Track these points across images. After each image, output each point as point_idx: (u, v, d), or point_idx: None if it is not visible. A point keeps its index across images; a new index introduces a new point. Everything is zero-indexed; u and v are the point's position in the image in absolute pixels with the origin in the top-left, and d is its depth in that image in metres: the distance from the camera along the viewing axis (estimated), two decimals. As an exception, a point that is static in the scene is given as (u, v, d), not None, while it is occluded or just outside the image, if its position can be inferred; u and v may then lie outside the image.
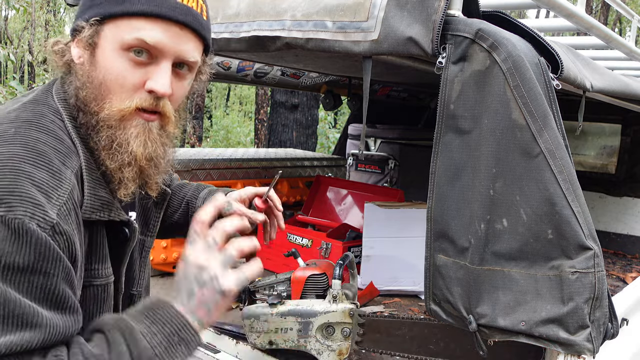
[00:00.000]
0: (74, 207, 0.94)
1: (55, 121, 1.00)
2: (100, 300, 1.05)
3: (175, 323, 0.93)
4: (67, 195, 0.92)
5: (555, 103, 1.30)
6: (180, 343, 0.92)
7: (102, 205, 1.01)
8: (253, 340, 1.65)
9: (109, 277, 1.06)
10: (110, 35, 0.99)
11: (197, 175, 2.60)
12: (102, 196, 1.01)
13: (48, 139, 0.95)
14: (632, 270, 2.94)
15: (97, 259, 1.04)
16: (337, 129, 13.59)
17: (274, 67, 3.12)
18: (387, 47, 1.36)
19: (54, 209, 0.88)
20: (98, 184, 1.02)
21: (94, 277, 1.03)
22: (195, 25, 1.03)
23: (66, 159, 0.96)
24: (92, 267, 1.03)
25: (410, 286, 2.32)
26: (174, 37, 1.00)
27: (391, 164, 3.54)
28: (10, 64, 8.33)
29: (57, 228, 0.88)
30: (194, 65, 1.07)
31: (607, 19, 13.81)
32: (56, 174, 0.92)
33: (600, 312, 1.23)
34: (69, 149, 0.98)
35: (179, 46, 1.01)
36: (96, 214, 1.00)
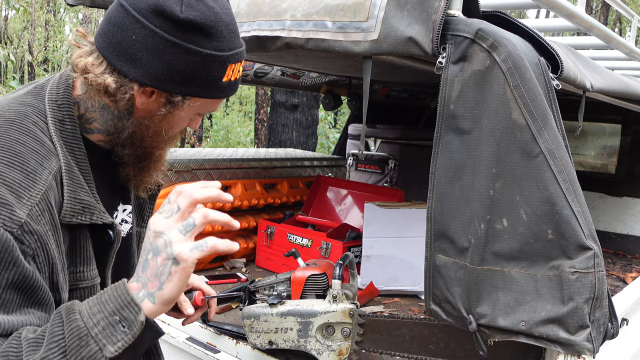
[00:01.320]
0: (49, 209, 0.94)
1: (38, 123, 1.01)
2: None
3: (119, 301, 0.85)
4: (40, 195, 0.93)
5: (555, 103, 1.30)
6: (121, 322, 0.84)
7: (83, 209, 1.02)
8: (253, 340, 1.65)
9: (94, 279, 1.07)
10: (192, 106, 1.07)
11: (197, 175, 2.60)
12: (82, 199, 1.02)
13: (27, 140, 0.96)
14: (632, 270, 2.94)
15: (82, 261, 1.04)
16: (337, 129, 13.59)
17: (274, 67, 3.12)
18: (387, 47, 1.36)
19: (23, 209, 0.89)
20: (79, 187, 1.02)
21: (80, 280, 1.04)
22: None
23: (44, 160, 0.97)
24: (78, 270, 1.04)
25: (410, 286, 2.32)
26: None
27: (391, 164, 3.54)
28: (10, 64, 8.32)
29: (25, 227, 0.88)
30: None
31: (607, 19, 13.81)
32: (30, 175, 0.93)
33: (600, 312, 1.23)
34: (49, 151, 0.99)
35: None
36: (77, 218, 1.00)
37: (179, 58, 0.98)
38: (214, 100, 1.08)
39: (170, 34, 0.96)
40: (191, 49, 0.98)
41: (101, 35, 1.02)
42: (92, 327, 0.83)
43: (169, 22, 0.96)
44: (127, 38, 0.97)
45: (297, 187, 3.09)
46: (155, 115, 1.06)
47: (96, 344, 0.82)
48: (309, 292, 1.70)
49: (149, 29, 0.96)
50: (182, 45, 0.97)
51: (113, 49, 0.99)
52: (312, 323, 1.60)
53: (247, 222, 2.78)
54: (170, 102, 1.04)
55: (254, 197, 2.79)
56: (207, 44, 0.99)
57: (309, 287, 1.70)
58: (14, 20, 19.72)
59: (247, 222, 2.78)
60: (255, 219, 2.80)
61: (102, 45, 1.01)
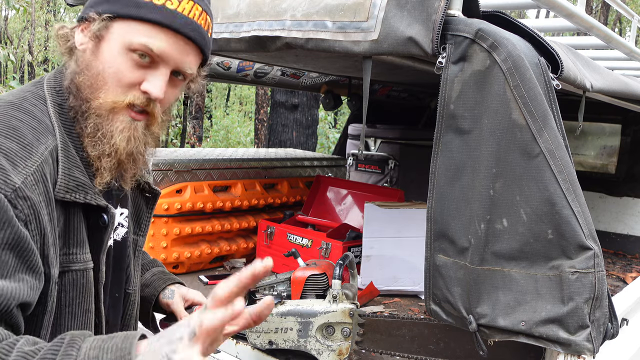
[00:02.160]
0: (43, 180, 0.96)
1: (37, 104, 1.04)
2: (80, 286, 1.06)
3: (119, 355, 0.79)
4: (35, 166, 0.95)
5: (555, 103, 1.30)
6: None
7: (77, 187, 1.02)
8: (253, 340, 1.66)
9: (87, 263, 1.07)
10: (119, 33, 1.03)
11: (197, 175, 2.60)
12: (77, 177, 1.03)
13: (25, 117, 1.00)
14: (632, 270, 2.94)
15: (75, 242, 1.05)
16: (337, 129, 13.59)
17: (274, 67, 3.12)
18: (387, 47, 1.36)
19: (19, 176, 0.92)
20: (74, 166, 1.04)
21: (72, 262, 1.04)
22: (200, 42, 1.09)
23: (41, 136, 1.00)
24: (70, 252, 1.04)
25: (410, 286, 2.32)
26: (179, 49, 1.06)
27: (391, 164, 3.55)
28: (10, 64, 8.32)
29: (19, 192, 0.91)
30: (190, 76, 1.13)
31: (607, 19, 13.81)
32: (27, 147, 0.96)
33: (600, 312, 1.23)
34: (46, 129, 1.02)
35: (181, 58, 1.07)
36: (70, 195, 1.01)
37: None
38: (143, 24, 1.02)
39: None
40: None
41: None
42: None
43: None
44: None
45: (297, 187, 3.09)
46: (90, 50, 1.04)
47: None
48: (309, 292, 1.70)
49: None
50: None
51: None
52: (312, 323, 1.60)
53: (247, 222, 2.78)
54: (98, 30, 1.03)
55: (254, 197, 2.79)
56: None
57: (309, 287, 1.70)
58: (14, 20, 19.73)
59: (247, 222, 2.78)
60: (255, 219, 2.80)
61: None
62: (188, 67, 1.09)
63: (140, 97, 1.05)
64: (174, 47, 1.05)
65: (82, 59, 1.05)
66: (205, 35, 1.10)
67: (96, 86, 1.04)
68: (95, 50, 1.04)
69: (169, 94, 1.10)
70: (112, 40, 1.03)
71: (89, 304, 1.08)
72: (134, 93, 1.05)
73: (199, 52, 1.11)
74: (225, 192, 2.73)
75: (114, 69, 1.03)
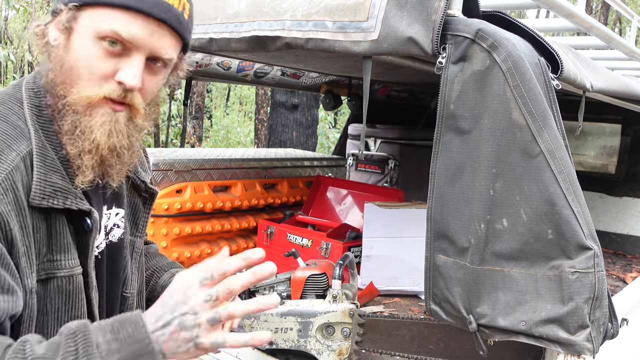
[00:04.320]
0: (13, 189, 0.92)
1: (13, 108, 1.00)
2: (67, 292, 1.02)
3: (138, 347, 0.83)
4: (4, 174, 0.92)
5: (555, 103, 1.30)
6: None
7: (54, 192, 0.98)
8: (253, 340, 1.65)
9: (74, 269, 1.03)
10: (87, 22, 0.98)
11: (197, 175, 2.60)
12: (54, 182, 0.99)
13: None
14: (632, 270, 2.94)
15: (59, 249, 1.01)
16: (337, 129, 13.59)
17: (274, 67, 3.12)
18: (387, 47, 1.36)
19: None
20: (51, 170, 0.99)
21: (57, 269, 1.01)
22: (175, 24, 1.02)
23: (13, 142, 0.96)
24: (55, 258, 1.00)
25: (410, 286, 2.32)
26: (151, 33, 0.99)
27: (391, 164, 3.54)
28: (10, 64, 8.32)
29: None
30: (169, 62, 1.06)
31: (607, 19, 13.81)
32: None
33: (600, 312, 1.23)
34: (20, 135, 0.98)
35: (154, 42, 1.00)
36: (48, 201, 0.97)
37: None
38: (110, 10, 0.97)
39: None
40: None
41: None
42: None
43: None
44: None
45: (297, 187, 3.09)
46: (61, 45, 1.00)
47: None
48: (309, 292, 1.70)
49: None
50: None
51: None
52: (312, 323, 1.60)
53: (247, 222, 2.78)
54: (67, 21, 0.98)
55: (254, 197, 2.79)
56: None
57: (309, 287, 1.70)
58: (14, 20, 19.70)
59: (247, 222, 2.78)
60: (255, 219, 2.80)
61: None
62: (164, 52, 1.03)
63: (116, 88, 0.99)
64: (145, 31, 0.98)
65: (55, 55, 1.00)
66: (181, 16, 1.03)
67: (70, 81, 0.99)
68: (66, 44, 0.99)
69: (148, 82, 1.03)
70: (81, 30, 0.98)
71: (77, 310, 1.04)
72: (109, 85, 0.99)
73: (176, 35, 1.04)
74: (225, 192, 2.73)
75: (86, 61, 0.98)
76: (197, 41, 1.78)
